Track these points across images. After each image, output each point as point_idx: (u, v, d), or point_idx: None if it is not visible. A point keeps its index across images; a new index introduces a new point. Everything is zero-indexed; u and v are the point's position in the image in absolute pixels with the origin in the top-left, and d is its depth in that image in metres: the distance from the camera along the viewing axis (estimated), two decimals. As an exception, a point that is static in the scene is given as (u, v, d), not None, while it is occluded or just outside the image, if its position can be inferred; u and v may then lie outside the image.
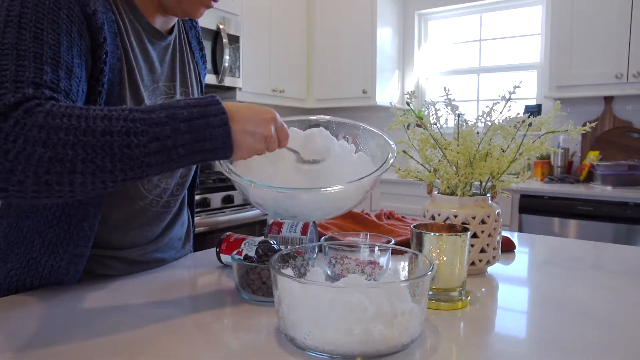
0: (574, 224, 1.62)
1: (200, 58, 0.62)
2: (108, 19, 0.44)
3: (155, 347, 0.34)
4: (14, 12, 0.38)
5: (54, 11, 0.39)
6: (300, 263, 0.41)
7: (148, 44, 0.50)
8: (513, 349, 0.35)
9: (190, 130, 0.36)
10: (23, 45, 0.37)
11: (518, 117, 0.54)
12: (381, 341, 0.32)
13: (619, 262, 0.62)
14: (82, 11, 0.41)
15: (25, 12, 0.38)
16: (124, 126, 0.34)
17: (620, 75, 1.69)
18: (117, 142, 0.34)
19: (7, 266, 0.47)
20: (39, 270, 0.46)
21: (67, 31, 0.40)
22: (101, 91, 0.44)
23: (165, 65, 0.53)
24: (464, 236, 0.43)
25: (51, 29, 0.39)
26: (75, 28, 0.41)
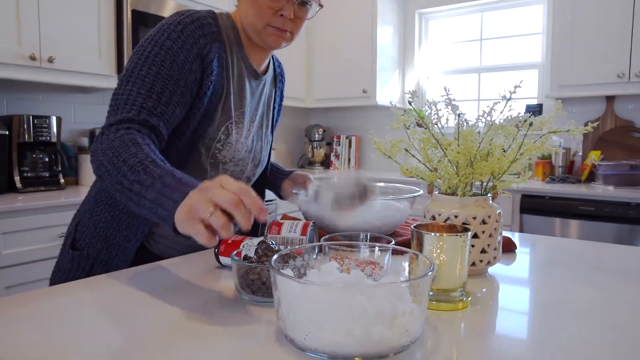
0: (576, 224, 1.61)
1: (279, 105, 0.79)
2: (219, 57, 0.61)
3: (154, 349, 0.34)
4: (153, 52, 0.56)
5: (177, 54, 0.57)
6: (300, 263, 0.41)
7: (246, 79, 0.66)
8: (514, 350, 0.35)
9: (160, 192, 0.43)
10: (147, 78, 0.55)
11: (519, 117, 0.53)
12: (381, 342, 0.31)
13: (621, 262, 0.61)
14: (199, 53, 0.58)
15: (159, 53, 0.56)
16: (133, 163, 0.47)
17: (622, 75, 1.69)
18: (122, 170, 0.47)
19: (93, 218, 0.62)
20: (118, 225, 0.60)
21: (181, 68, 0.57)
22: (201, 107, 0.60)
23: (255, 98, 0.69)
24: (464, 236, 0.42)
25: (169, 67, 0.56)
26: (188, 65, 0.57)
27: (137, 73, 0.55)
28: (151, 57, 0.56)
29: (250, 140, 0.69)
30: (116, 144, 0.50)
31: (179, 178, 0.43)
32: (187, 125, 0.60)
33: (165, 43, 0.56)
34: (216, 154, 0.64)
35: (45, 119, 1.41)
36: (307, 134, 2.58)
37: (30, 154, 1.39)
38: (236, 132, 0.65)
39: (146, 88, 0.55)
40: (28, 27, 1.29)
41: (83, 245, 0.62)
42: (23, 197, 1.27)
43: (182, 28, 0.57)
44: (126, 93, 0.55)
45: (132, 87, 0.55)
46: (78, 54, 1.42)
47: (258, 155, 0.72)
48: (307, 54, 2.37)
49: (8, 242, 1.13)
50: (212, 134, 0.62)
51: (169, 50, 0.56)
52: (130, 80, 0.55)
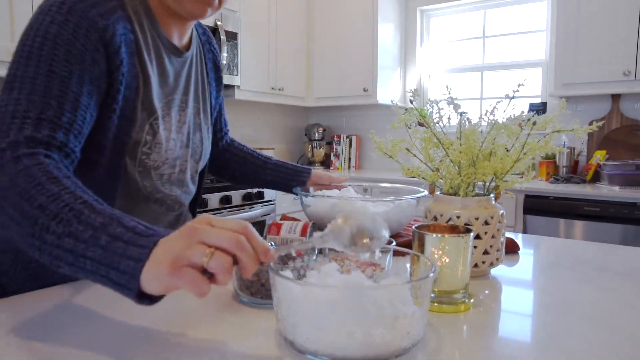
0: (580, 225, 1.60)
1: (215, 80, 0.65)
2: (127, 40, 0.47)
3: (153, 351, 0.34)
4: (37, 45, 0.42)
5: (71, 42, 0.43)
6: (299, 265, 0.41)
7: (166, 59, 0.53)
8: (517, 353, 0.34)
9: (106, 247, 0.31)
10: (38, 80, 0.41)
11: (522, 116, 0.53)
12: (382, 344, 0.31)
13: (627, 264, 0.60)
14: (100, 37, 0.44)
15: (45, 44, 0.42)
16: (57, 210, 0.33)
17: (628, 73, 1.67)
18: (40, 220, 0.33)
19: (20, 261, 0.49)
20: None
21: (80, 60, 0.43)
22: (116, 108, 0.47)
23: (181, 80, 0.56)
24: (466, 237, 0.42)
25: (65, 60, 0.42)
26: (89, 56, 0.44)
27: (21, 75, 0.40)
28: (36, 52, 0.41)
29: (185, 134, 0.56)
30: (20, 181, 0.35)
31: (131, 227, 0.32)
32: (103, 135, 0.47)
33: (49, 30, 0.42)
34: (144, 160, 0.51)
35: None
36: (306, 133, 2.58)
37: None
38: (164, 129, 0.52)
39: (39, 93, 0.40)
40: (22, 23, 1.29)
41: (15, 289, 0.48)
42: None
43: (69, 7, 0.43)
44: (12, 103, 0.39)
45: (18, 94, 0.40)
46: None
47: (198, 149, 0.60)
48: (306, 52, 2.36)
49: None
50: (134, 137, 0.49)
51: (58, 38, 0.42)
52: (15, 86, 0.40)
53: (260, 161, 0.77)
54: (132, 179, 0.51)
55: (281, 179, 0.76)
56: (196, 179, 0.62)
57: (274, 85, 2.16)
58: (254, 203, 1.74)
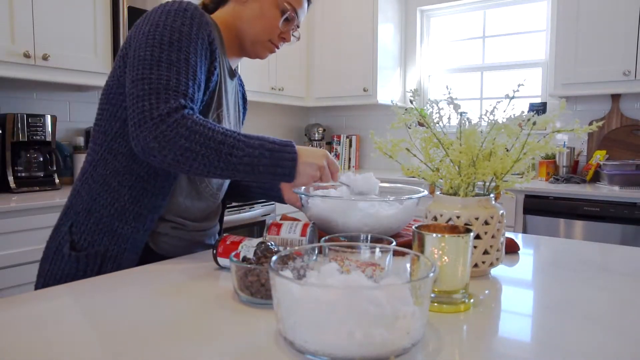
0: (580, 225, 1.60)
1: (243, 108, 0.81)
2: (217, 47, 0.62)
3: (152, 351, 0.34)
4: (175, 37, 0.56)
5: (195, 40, 0.57)
6: (299, 265, 0.41)
7: (228, 78, 0.67)
8: (517, 353, 0.34)
9: (271, 157, 0.55)
10: (178, 64, 0.55)
11: (522, 116, 0.52)
12: (382, 344, 0.31)
13: (627, 264, 0.60)
14: (208, 38, 0.59)
15: (182, 39, 0.56)
16: (232, 142, 0.53)
17: (628, 73, 1.67)
18: (225, 150, 0.53)
19: (93, 216, 0.60)
20: (125, 217, 0.60)
21: (200, 55, 0.58)
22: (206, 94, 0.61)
23: (232, 98, 0.70)
24: (466, 237, 0.42)
25: (193, 53, 0.57)
26: (204, 52, 0.58)
27: (165, 58, 0.54)
28: (175, 43, 0.55)
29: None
30: (198, 128, 0.52)
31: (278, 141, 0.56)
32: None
33: (182, 29, 0.56)
34: None
35: (39, 118, 1.40)
36: (306, 133, 2.58)
37: (24, 153, 1.38)
38: (227, 122, 0.67)
39: (184, 75, 0.54)
40: (22, 24, 1.28)
41: (85, 244, 0.60)
42: (17, 197, 1.26)
43: (191, 14, 0.57)
44: (164, 79, 0.53)
45: (167, 72, 0.53)
46: (73, 51, 1.41)
47: None
48: (307, 52, 2.36)
49: (2, 244, 1.12)
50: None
51: (188, 36, 0.56)
52: (163, 67, 0.54)
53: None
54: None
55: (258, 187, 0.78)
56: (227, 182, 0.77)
57: (274, 85, 2.16)
58: (254, 203, 1.74)
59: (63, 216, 0.63)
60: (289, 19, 0.66)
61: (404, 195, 0.67)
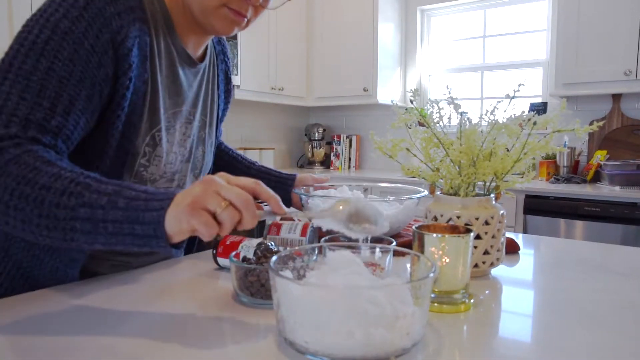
0: (581, 225, 1.60)
1: (224, 92, 0.64)
2: (141, 43, 0.45)
3: (152, 352, 0.34)
4: (43, 37, 0.40)
5: (80, 41, 0.41)
6: (299, 265, 0.41)
7: (179, 68, 0.51)
8: (517, 353, 0.34)
9: (126, 208, 0.34)
10: (34, 76, 0.39)
11: (523, 116, 0.52)
12: (382, 345, 0.31)
13: (627, 264, 0.60)
14: (112, 39, 0.43)
15: (52, 39, 0.40)
16: (63, 186, 0.34)
17: (629, 72, 1.66)
18: (48, 199, 0.34)
19: (11, 260, 0.48)
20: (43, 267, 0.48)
21: (85, 62, 0.41)
22: (120, 114, 0.45)
23: (192, 92, 0.54)
24: (467, 237, 0.42)
25: (68, 60, 0.40)
26: (96, 58, 0.42)
27: (17, 67, 0.38)
28: (40, 45, 0.39)
29: (188, 147, 0.55)
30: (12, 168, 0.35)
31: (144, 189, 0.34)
32: (106, 142, 0.45)
33: (60, 24, 0.40)
34: (141, 172, 0.49)
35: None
36: (306, 133, 2.58)
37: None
38: (167, 141, 0.50)
39: (33, 91, 0.38)
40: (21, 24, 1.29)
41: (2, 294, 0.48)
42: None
43: (86, 1, 0.41)
44: (2, 97, 0.38)
45: (10, 87, 0.38)
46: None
47: (199, 164, 0.58)
48: (306, 52, 2.36)
49: None
50: (135, 147, 0.47)
51: (67, 35, 0.39)
52: (8, 78, 0.38)
53: (243, 166, 0.73)
54: None
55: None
56: None
57: (274, 85, 2.16)
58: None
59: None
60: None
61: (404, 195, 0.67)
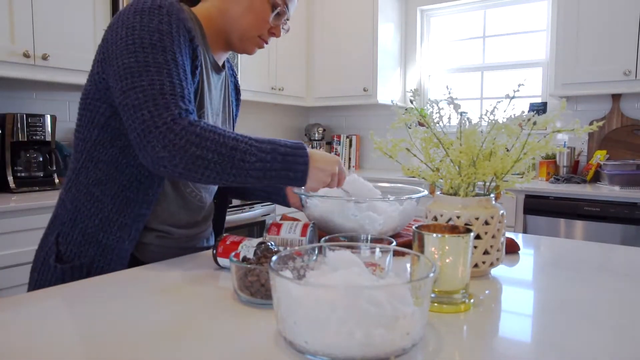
0: (581, 225, 1.60)
1: (236, 100, 0.77)
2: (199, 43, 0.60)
3: (152, 351, 0.34)
4: (156, 38, 0.52)
5: (177, 38, 0.54)
6: (299, 265, 0.41)
7: (212, 72, 0.64)
8: (517, 353, 0.34)
9: (283, 161, 0.53)
10: (167, 66, 0.52)
11: (523, 116, 0.52)
12: (382, 345, 0.31)
13: (627, 264, 0.60)
14: (189, 35, 0.56)
15: (163, 39, 0.53)
16: (245, 147, 0.51)
17: (629, 72, 1.66)
18: (237, 156, 0.50)
19: (78, 226, 0.59)
20: (109, 228, 0.58)
21: (184, 53, 0.55)
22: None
23: (217, 94, 0.67)
24: (467, 237, 0.42)
25: (178, 52, 0.53)
26: (187, 50, 0.55)
27: (152, 62, 0.50)
28: (158, 44, 0.51)
29: None
30: (209, 134, 0.49)
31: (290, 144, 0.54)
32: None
33: (160, 27, 0.52)
34: None
35: (39, 118, 1.40)
36: (307, 133, 2.58)
37: (23, 153, 1.38)
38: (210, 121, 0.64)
39: (173, 76, 0.51)
40: (21, 24, 1.28)
41: (72, 256, 0.58)
42: (17, 197, 1.26)
43: (167, 11, 0.54)
44: (157, 84, 0.50)
45: (158, 76, 0.50)
46: (73, 51, 1.41)
47: None
48: (307, 52, 2.36)
49: (2, 244, 1.12)
50: None
51: (169, 34, 0.52)
52: (152, 71, 0.50)
53: None
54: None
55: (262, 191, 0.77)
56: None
57: (274, 85, 2.16)
58: (254, 203, 1.74)
59: (50, 226, 0.61)
60: (280, 13, 0.62)
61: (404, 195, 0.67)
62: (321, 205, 0.62)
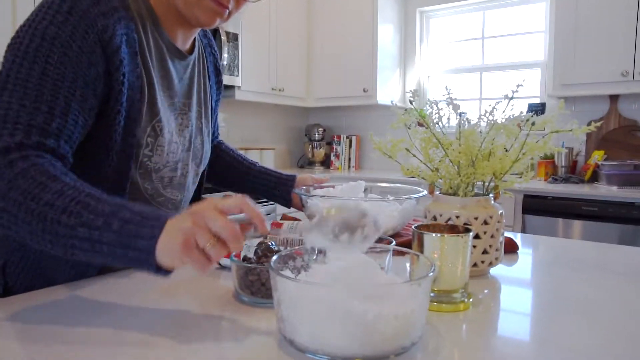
0: (579, 224, 1.60)
1: (216, 83, 0.66)
2: (129, 39, 0.47)
3: (152, 351, 0.34)
4: (33, 45, 0.42)
5: (68, 44, 0.43)
6: (300, 264, 0.41)
7: (169, 61, 0.53)
8: (516, 351, 0.34)
9: (119, 231, 0.35)
10: (30, 83, 0.41)
11: (521, 116, 0.53)
12: (382, 343, 0.31)
13: (624, 263, 0.61)
14: (99, 38, 0.44)
15: (42, 45, 0.42)
16: (64, 205, 0.36)
17: (626, 73, 1.67)
18: (50, 215, 0.36)
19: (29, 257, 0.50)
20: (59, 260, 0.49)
21: (76, 63, 0.43)
22: (120, 109, 0.47)
23: (183, 83, 0.56)
24: (466, 237, 0.42)
25: (59, 63, 0.42)
26: (85, 58, 0.44)
27: (14, 77, 0.41)
28: (31, 53, 0.41)
29: (187, 137, 0.57)
30: (20, 182, 0.37)
31: (138, 211, 0.36)
32: (110, 137, 0.47)
33: (48, 30, 0.42)
34: (145, 162, 0.51)
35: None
36: (307, 134, 2.58)
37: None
38: (167, 132, 0.52)
39: (31, 97, 0.40)
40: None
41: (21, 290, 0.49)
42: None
43: (70, 6, 0.42)
44: (4, 107, 0.40)
45: (10, 97, 0.40)
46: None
47: (199, 153, 0.60)
48: (307, 53, 2.36)
49: None
50: (138, 139, 0.49)
51: (56, 40, 0.41)
52: (7, 88, 0.41)
53: (244, 167, 0.74)
54: (134, 181, 0.51)
55: (263, 187, 0.73)
56: (196, 182, 0.63)
57: (274, 86, 2.16)
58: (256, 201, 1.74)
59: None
60: None
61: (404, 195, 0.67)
62: (321, 205, 0.63)
